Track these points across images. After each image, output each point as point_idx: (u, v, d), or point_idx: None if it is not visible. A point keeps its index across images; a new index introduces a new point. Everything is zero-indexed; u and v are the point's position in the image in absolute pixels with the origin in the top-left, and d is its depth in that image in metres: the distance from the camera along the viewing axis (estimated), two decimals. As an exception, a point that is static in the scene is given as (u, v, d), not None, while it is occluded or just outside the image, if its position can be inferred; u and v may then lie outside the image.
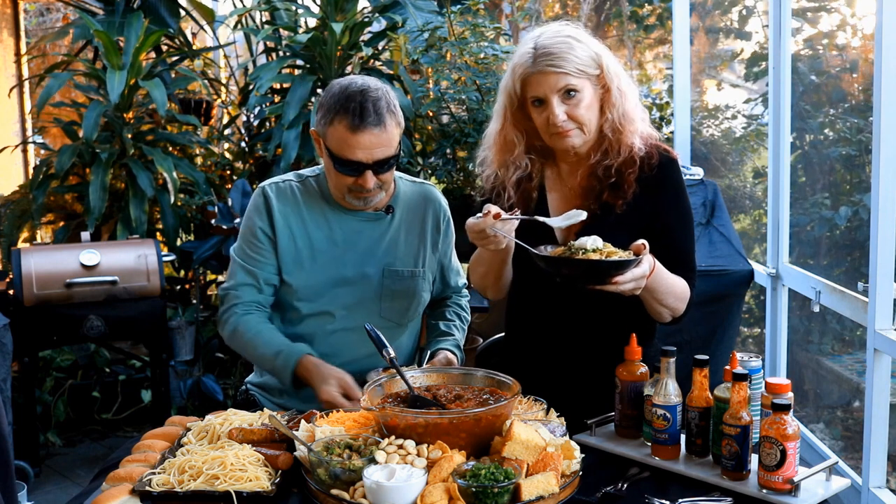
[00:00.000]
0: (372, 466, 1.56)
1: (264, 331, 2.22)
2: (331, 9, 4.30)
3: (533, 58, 1.97)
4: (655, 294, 1.97)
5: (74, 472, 3.89)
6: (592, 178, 2.06)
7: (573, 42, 1.97)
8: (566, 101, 1.97)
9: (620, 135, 2.02)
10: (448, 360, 2.26)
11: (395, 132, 2.14)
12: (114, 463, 1.82)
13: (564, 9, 7.82)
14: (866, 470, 2.74)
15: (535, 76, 1.97)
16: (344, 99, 2.10)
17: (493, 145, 2.12)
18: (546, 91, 1.97)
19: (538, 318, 2.18)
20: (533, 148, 2.11)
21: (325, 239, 2.26)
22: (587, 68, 1.97)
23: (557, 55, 1.95)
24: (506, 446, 1.62)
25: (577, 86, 1.96)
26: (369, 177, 2.13)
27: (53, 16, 6.22)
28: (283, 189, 2.29)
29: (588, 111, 1.99)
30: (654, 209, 2.03)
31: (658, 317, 2.07)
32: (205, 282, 4.77)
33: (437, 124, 4.51)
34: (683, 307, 2.06)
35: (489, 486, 1.51)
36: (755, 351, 2.72)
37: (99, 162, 4.08)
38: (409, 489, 1.51)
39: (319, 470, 1.61)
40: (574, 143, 2.02)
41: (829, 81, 4.45)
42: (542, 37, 1.99)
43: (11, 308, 3.56)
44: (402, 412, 1.68)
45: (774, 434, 1.62)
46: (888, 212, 2.61)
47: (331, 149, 2.14)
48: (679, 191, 2.09)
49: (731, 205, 4.76)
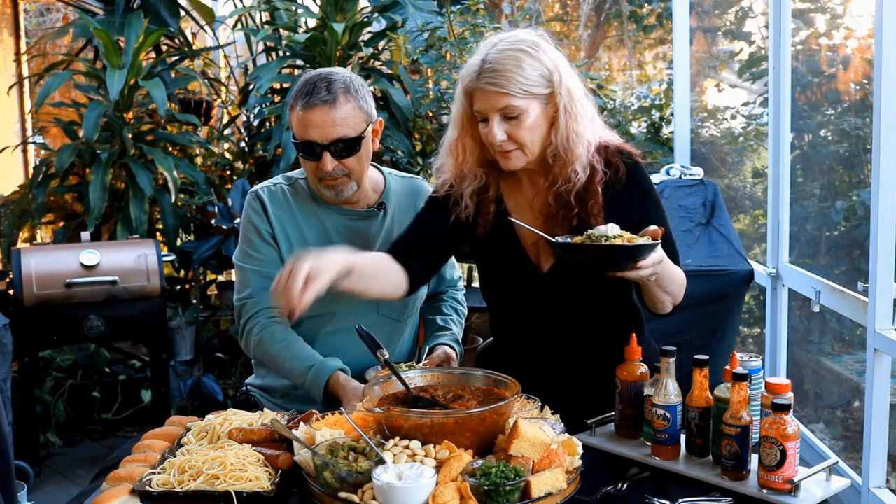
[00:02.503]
0: (380, 468, 1.55)
1: (293, 343, 2.19)
2: (331, 9, 4.30)
3: (478, 72, 1.89)
4: (661, 282, 1.92)
5: (74, 472, 3.89)
6: (550, 206, 2.00)
7: (524, 58, 1.87)
8: (507, 121, 1.90)
9: (563, 162, 1.94)
10: (447, 354, 2.26)
11: (352, 113, 2.13)
12: (114, 463, 1.82)
13: (564, 9, 7.82)
14: (866, 470, 2.74)
15: (478, 92, 1.90)
16: (302, 84, 2.16)
17: (449, 153, 2.05)
18: (487, 109, 1.90)
19: (522, 324, 2.15)
20: (486, 161, 2.04)
21: (319, 239, 2.26)
22: (534, 88, 1.88)
23: (501, 73, 1.86)
24: (513, 444, 1.61)
25: (519, 107, 1.88)
26: (327, 159, 2.13)
27: (53, 16, 6.23)
28: (275, 192, 2.29)
29: (531, 133, 1.91)
30: (631, 216, 1.94)
31: (660, 306, 2.01)
32: (205, 282, 4.77)
33: (436, 124, 4.51)
34: (682, 294, 2.01)
35: (501, 484, 1.51)
36: (755, 351, 2.72)
37: (99, 162, 4.08)
38: (421, 490, 1.50)
39: (325, 473, 1.59)
40: (516, 165, 1.95)
41: (826, 81, 4.45)
42: (493, 48, 1.90)
43: (11, 308, 3.56)
44: (407, 413, 1.67)
45: (774, 434, 1.62)
46: (888, 211, 2.61)
47: (294, 135, 2.17)
48: (647, 188, 2.03)
49: (731, 205, 4.76)
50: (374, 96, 2.27)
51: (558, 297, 2.07)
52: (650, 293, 1.98)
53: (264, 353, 2.22)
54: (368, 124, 2.19)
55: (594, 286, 2.04)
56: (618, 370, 1.89)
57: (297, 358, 2.15)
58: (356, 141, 2.15)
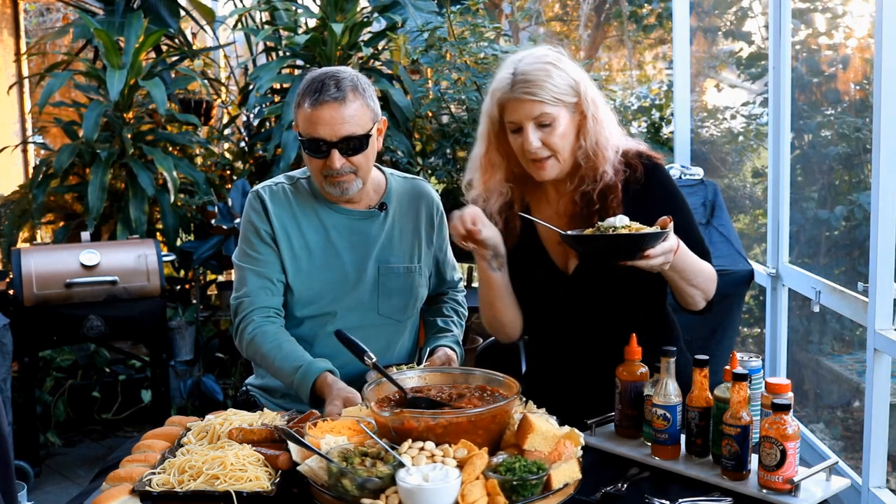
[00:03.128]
0: (402, 471, 1.53)
1: (284, 343, 2.18)
2: (331, 9, 4.30)
3: (511, 83, 1.98)
4: (684, 274, 1.96)
5: (74, 472, 3.90)
6: (575, 204, 2.08)
7: (552, 69, 1.97)
8: (541, 129, 1.98)
9: (594, 163, 2.02)
10: (448, 356, 2.25)
11: (361, 111, 2.14)
12: (114, 463, 1.82)
13: (564, 9, 7.83)
14: (866, 470, 2.74)
15: (512, 102, 1.99)
16: (309, 82, 2.15)
17: (478, 168, 2.13)
18: (521, 118, 1.98)
19: (552, 330, 2.18)
20: (513, 175, 2.11)
21: (320, 239, 2.26)
22: (564, 96, 1.98)
23: (534, 82, 1.95)
24: (527, 439, 1.65)
25: (552, 114, 1.97)
26: (336, 157, 2.13)
27: (53, 16, 6.23)
28: (276, 192, 2.29)
29: (563, 139, 1.99)
30: (650, 214, 1.96)
31: (692, 302, 2.05)
32: (205, 282, 4.77)
33: (436, 124, 4.51)
34: (713, 288, 2.05)
35: (528, 479, 1.54)
36: (755, 351, 2.72)
37: (99, 162, 4.08)
38: (448, 490, 1.50)
39: (344, 481, 1.54)
40: (550, 175, 2.03)
41: (825, 81, 4.45)
42: (522, 62, 2.00)
43: (11, 308, 3.56)
44: (420, 414, 1.67)
45: (774, 434, 1.62)
46: (888, 212, 2.61)
47: (300, 133, 2.17)
48: (669, 188, 2.09)
49: (731, 205, 4.76)
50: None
51: (585, 300, 2.08)
52: (677, 287, 2.01)
53: (256, 352, 2.22)
54: (374, 123, 2.20)
55: (620, 288, 2.06)
56: (618, 370, 1.89)
57: (287, 358, 2.15)
58: (364, 138, 2.16)
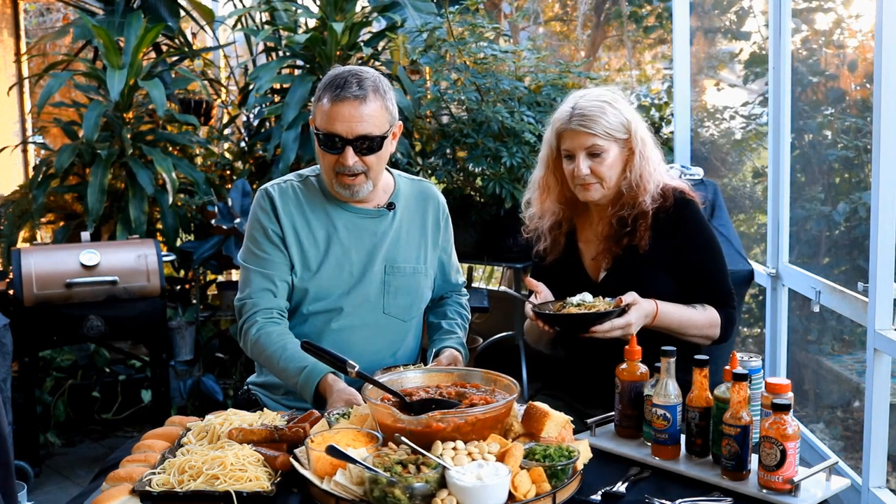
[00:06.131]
0: (453, 472, 1.55)
1: (288, 345, 2.18)
2: (330, 9, 4.30)
3: (570, 116, 2.22)
4: (672, 330, 2.18)
5: (74, 472, 3.89)
6: (612, 226, 2.28)
7: (607, 108, 2.21)
8: (591, 158, 2.21)
9: (635, 193, 2.24)
10: (454, 357, 2.27)
11: (379, 112, 2.16)
12: (114, 463, 1.82)
13: (564, 9, 7.83)
14: (866, 470, 2.74)
15: (568, 133, 2.22)
16: (332, 78, 2.18)
17: (536, 189, 2.37)
18: (575, 147, 2.21)
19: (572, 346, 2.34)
20: (564, 197, 2.33)
21: (329, 237, 2.27)
22: (615, 132, 2.21)
23: (590, 118, 2.19)
24: (545, 426, 1.74)
25: (602, 146, 2.20)
26: (349, 154, 2.15)
27: (53, 16, 6.23)
28: (286, 189, 2.30)
29: (610, 169, 2.22)
30: (675, 246, 2.24)
31: (694, 344, 2.25)
32: (205, 282, 4.77)
33: (436, 124, 4.51)
34: (714, 332, 2.25)
35: (566, 464, 1.62)
36: (755, 351, 2.72)
37: (98, 162, 4.08)
38: (502, 484, 1.55)
39: (396, 491, 1.53)
40: (593, 197, 2.25)
41: (826, 81, 4.45)
42: (582, 98, 2.24)
43: (11, 308, 3.56)
44: (445, 415, 1.67)
45: (774, 434, 1.62)
46: (888, 212, 2.61)
47: (316, 126, 2.18)
48: (698, 227, 2.27)
49: (731, 205, 4.76)
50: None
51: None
52: (674, 336, 2.19)
53: (260, 354, 2.22)
54: (391, 126, 2.21)
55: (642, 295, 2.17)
56: (618, 370, 1.89)
57: (291, 359, 2.15)
58: (379, 140, 2.17)
